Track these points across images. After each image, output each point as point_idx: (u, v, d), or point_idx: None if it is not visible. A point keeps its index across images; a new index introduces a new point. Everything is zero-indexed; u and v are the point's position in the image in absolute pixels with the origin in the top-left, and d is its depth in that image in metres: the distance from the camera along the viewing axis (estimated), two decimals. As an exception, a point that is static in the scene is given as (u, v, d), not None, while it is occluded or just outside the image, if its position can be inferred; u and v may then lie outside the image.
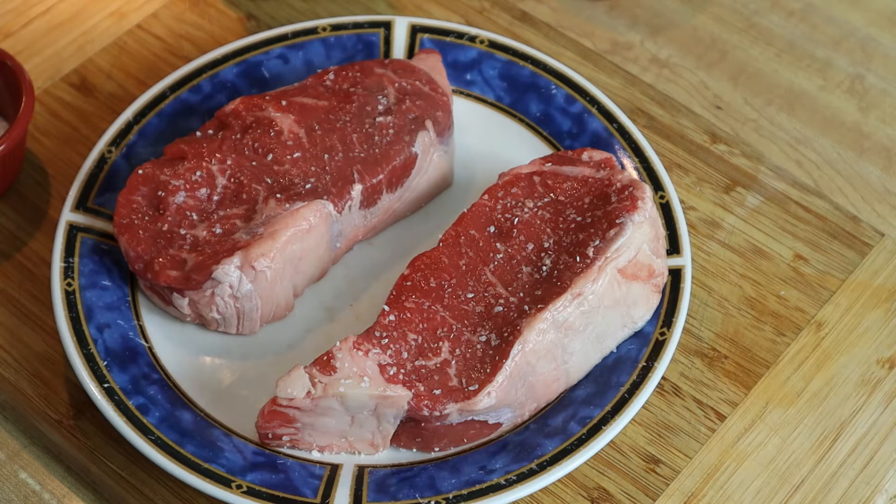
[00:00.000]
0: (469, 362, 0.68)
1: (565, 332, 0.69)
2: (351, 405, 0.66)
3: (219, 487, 0.66)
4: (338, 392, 0.66)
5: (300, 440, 0.69)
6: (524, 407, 0.69)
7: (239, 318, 0.72)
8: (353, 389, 0.66)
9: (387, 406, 0.67)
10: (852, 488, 0.71)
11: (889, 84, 0.87)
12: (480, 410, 0.67)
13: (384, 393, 0.66)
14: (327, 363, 0.67)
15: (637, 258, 0.70)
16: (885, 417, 0.73)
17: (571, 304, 0.68)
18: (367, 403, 0.66)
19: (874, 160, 0.83)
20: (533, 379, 0.68)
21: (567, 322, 0.68)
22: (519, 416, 0.69)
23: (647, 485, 0.70)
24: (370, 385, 0.66)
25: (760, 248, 0.79)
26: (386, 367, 0.67)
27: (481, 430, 0.69)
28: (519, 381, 0.68)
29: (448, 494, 0.67)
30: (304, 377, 0.66)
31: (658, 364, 0.70)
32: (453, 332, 0.69)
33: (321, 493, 0.67)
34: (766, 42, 0.89)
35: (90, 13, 0.90)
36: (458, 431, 0.68)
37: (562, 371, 0.69)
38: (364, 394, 0.66)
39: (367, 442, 0.69)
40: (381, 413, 0.67)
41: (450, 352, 0.68)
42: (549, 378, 0.69)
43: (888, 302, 0.77)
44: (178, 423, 0.69)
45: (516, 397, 0.68)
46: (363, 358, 0.67)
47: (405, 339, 0.68)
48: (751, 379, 0.74)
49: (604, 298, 0.69)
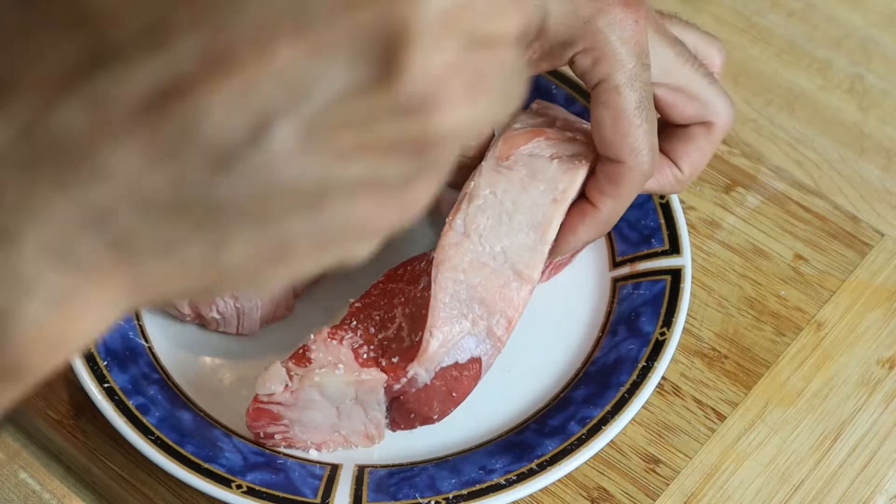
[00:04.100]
0: (414, 315, 0.67)
1: (478, 236, 0.66)
2: (330, 394, 0.66)
3: (219, 487, 0.66)
4: (314, 382, 0.66)
5: (293, 438, 0.69)
6: (488, 327, 0.66)
7: (239, 318, 0.72)
8: (328, 378, 0.66)
9: (365, 392, 0.66)
10: (852, 488, 0.71)
11: (889, 84, 0.87)
12: (437, 354, 0.65)
13: (359, 377, 0.66)
14: (303, 356, 0.67)
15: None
16: (885, 417, 0.73)
17: (464, 206, 0.67)
18: (346, 391, 0.66)
19: (874, 160, 0.83)
20: (476, 293, 0.66)
21: (472, 225, 0.66)
22: (491, 341, 0.67)
23: (647, 485, 0.70)
24: (345, 371, 0.66)
25: (760, 248, 0.79)
26: (359, 349, 0.67)
27: (462, 374, 0.67)
28: (459, 303, 0.66)
29: (448, 494, 0.67)
30: (282, 371, 0.66)
31: (658, 364, 0.70)
32: (405, 294, 0.69)
33: (321, 493, 0.67)
34: (766, 42, 0.89)
35: (90, 13, 0.90)
36: (440, 388, 0.67)
37: (502, 270, 0.66)
38: (340, 380, 0.66)
39: (362, 434, 0.69)
40: (363, 400, 0.67)
41: (402, 315, 0.68)
42: (492, 285, 0.66)
43: (888, 302, 0.77)
44: (178, 423, 0.69)
45: (470, 321, 0.66)
46: (337, 347, 0.67)
47: (370, 318, 0.68)
48: (751, 379, 0.74)
49: (496, 185, 0.67)
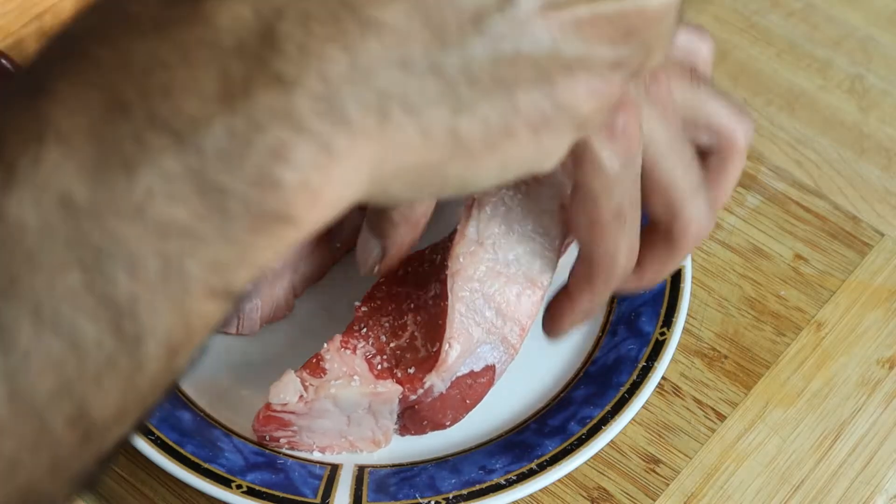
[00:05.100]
0: (428, 324, 0.67)
1: (491, 244, 0.66)
2: (344, 405, 0.66)
3: (219, 487, 0.66)
4: (329, 393, 0.65)
5: (299, 442, 0.69)
6: (503, 336, 0.66)
7: (239, 318, 0.72)
8: (343, 390, 0.65)
9: (380, 403, 0.66)
10: (852, 488, 0.71)
11: (889, 84, 0.87)
12: (455, 365, 0.65)
13: (375, 390, 0.65)
14: (317, 365, 0.66)
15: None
16: (885, 417, 0.73)
17: (475, 214, 0.66)
18: (361, 402, 0.66)
19: (874, 160, 0.83)
20: (492, 302, 0.66)
21: (485, 233, 0.65)
22: (504, 348, 0.66)
23: (647, 485, 0.70)
24: (361, 383, 0.66)
25: (760, 248, 0.79)
26: (372, 360, 0.66)
27: (476, 381, 0.66)
28: (475, 314, 0.65)
29: (448, 494, 0.67)
30: (296, 381, 0.66)
31: (658, 364, 0.70)
32: (414, 300, 0.68)
33: (321, 493, 0.67)
34: (766, 42, 0.89)
35: (90, 13, 0.90)
36: (455, 396, 0.67)
37: (516, 278, 0.66)
38: (356, 392, 0.65)
39: (369, 440, 0.69)
40: (375, 410, 0.67)
41: (413, 322, 0.68)
42: (509, 293, 0.66)
43: (888, 302, 0.77)
44: (178, 423, 0.69)
45: (486, 330, 0.66)
46: (352, 356, 0.67)
47: (379, 324, 0.68)
48: (751, 379, 0.74)
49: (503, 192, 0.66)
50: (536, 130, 0.42)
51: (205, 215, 0.36)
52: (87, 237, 0.35)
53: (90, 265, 0.35)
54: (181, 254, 0.36)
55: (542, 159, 0.44)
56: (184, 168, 0.36)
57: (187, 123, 0.36)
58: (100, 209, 0.35)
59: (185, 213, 0.36)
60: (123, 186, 0.35)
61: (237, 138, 0.36)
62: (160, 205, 0.36)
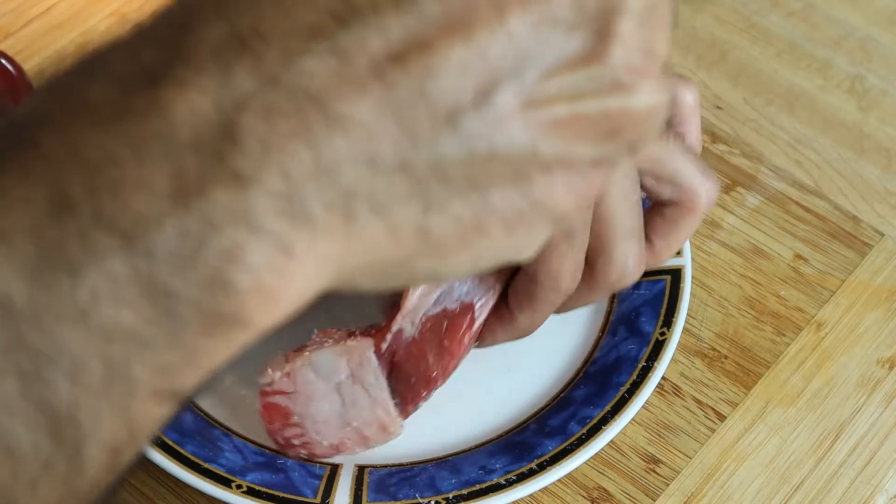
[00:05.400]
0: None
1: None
2: (324, 371, 0.66)
3: (219, 487, 0.66)
4: (306, 358, 0.65)
5: (311, 442, 0.68)
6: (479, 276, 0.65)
7: (239, 318, 0.72)
8: (317, 352, 0.65)
9: (357, 363, 0.65)
10: (852, 488, 0.71)
11: (889, 84, 0.87)
12: (421, 303, 0.65)
13: (346, 345, 0.65)
14: (300, 347, 0.67)
15: None
16: (885, 417, 0.73)
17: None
18: (338, 364, 0.66)
19: (874, 160, 0.83)
20: None
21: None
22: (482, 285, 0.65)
23: (647, 485, 0.70)
24: (333, 344, 0.66)
25: (760, 248, 0.79)
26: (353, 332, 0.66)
27: (453, 321, 0.66)
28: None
29: (448, 494, 0.67)
30: (280, 360, 0.66)
31: (658, 364, 0.70)
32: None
33: (321, 493, 0.67)
34: (766, 42, 0.89)
35: (90, 13, 0.90)
36: (431, 339, 0.66)
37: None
38: (329, 352, 0.65)
39: (374, 424, 0.67)
40: (360, 377, 0.66)
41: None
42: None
43: (888, 302, 0.77)
44: (178, 423, 0.69)
45: None
46: (331, 333, 0.67)
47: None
48: (751, 379, 0.74)
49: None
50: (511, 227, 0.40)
51: (153, 319, 0.35)
52: (25, 341, 0.34)
53: (28, 371, 0.34)
54: (127, 358, 0.35)
55: (517, 252, 0.42)
56: (131, 270, 0.34)
57: (136, 223, 0.34)
58: (40, 312, 0.34)
59: (132, 316, 0.34)
60: (66, 289, 0.34)
61: (189, 239, 0.34)
62: (105, 308, 0.34)
